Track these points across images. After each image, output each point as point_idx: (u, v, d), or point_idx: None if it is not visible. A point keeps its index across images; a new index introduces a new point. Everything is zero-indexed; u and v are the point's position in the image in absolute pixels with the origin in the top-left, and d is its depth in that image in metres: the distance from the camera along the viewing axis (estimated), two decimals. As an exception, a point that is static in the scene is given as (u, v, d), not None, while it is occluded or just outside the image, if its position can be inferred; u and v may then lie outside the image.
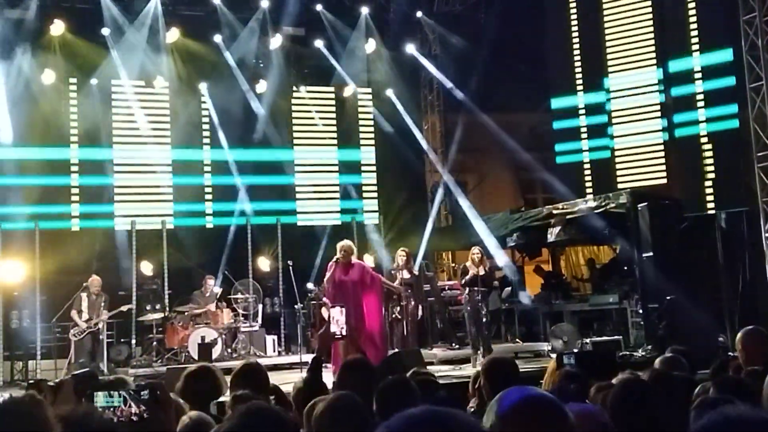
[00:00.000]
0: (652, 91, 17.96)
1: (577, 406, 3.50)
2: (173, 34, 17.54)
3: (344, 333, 11.67)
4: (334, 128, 19.55)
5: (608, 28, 18.49)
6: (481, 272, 14.22)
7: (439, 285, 17.68)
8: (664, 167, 17.75)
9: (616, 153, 18.28)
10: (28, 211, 16.14)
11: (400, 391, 4.52)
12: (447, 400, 5.54)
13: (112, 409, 10.44)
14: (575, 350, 13.50)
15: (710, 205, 16.48)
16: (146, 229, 16.99)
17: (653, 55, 17.93)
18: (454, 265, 19.08)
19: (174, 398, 5.23)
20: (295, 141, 19.15)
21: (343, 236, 14.19)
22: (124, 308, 15.00)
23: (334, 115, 19.57)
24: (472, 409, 5.58)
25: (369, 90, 19.80)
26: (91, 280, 14.65)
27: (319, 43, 18.87)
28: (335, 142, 19.49)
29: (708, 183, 16.94)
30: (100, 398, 11.48)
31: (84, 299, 14.47)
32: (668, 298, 13.71)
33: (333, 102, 19.56)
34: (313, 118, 19.27)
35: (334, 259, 12.18)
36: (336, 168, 19.48)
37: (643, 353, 13.82)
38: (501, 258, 17.45)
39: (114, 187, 17.41)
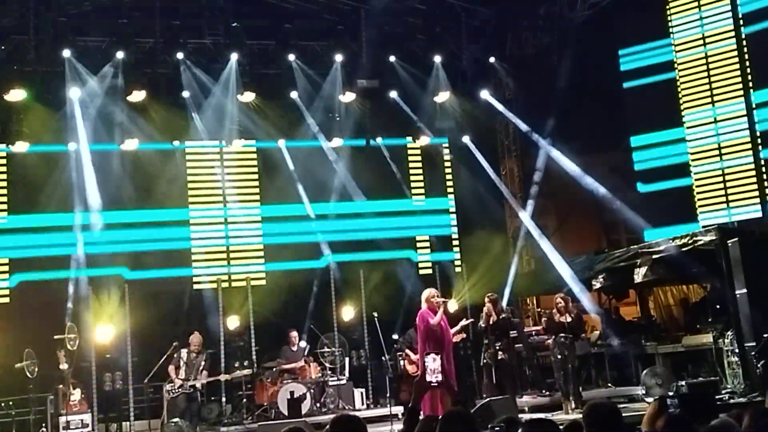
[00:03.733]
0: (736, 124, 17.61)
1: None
2: (249, 95, 17.85)
3: (440, 381, 11.58)
4: (418, 178, 19.60)
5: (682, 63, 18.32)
6: (568, 319, 14.09)
7: (525, 331, 17.44)
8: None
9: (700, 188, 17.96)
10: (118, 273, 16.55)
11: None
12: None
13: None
14: (671, 393, 13.15)
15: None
16: (232, 287, 17.19)
17: (738, 87, 17.61)
18: (539, 310, 18.82)
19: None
20: (373, 193, 19.22)
21: (427, 284, 14.19)
22: (221, 377, 15.19)
23: (415, 165, 19.63)
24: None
25: (446, 138, 19.86)
26: (191, 337, 14.88)
27: (393, 94, 18.99)
28: (420, 191, 19.54)
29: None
30: None
31: (183, 356, 14.66)
32: (766, 336, 13.28)
33: (413, 152, 19.63)
34: (391, 169, 19.35)
35: (427, 308, 12.10)
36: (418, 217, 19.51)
37: (743, 394, 13.39)
38: (587, 302, 17.14)
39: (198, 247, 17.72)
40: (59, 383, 14.12)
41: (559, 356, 14.05)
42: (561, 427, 5.93)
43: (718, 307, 15.55)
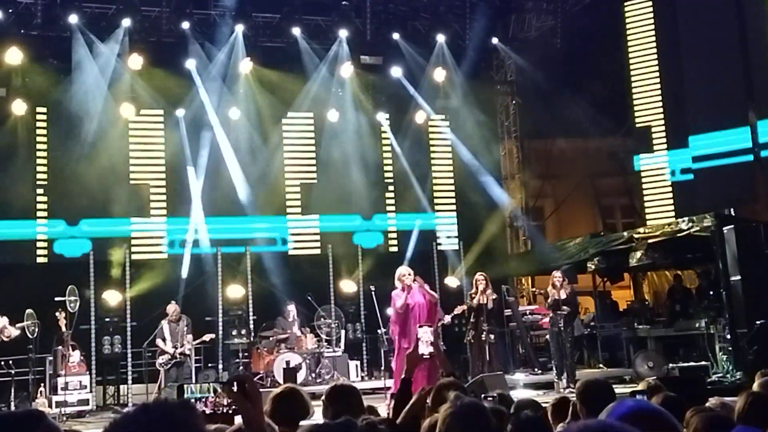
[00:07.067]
0: (736, 113, 17.78)
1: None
2: (251, 64, 17.89)
3: (432, 353, 11.69)
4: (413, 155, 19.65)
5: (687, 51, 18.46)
6: (562, 296, 14.25)
7: (519, 310, 17.62)
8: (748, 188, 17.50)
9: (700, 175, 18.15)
10: (119, 239, 16.68)
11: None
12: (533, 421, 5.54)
13: (203, 400, 10.69)
14: (660, 376, 13.33)
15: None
16: (231, 254, 17.29)
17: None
18: (534, 290, 18.99)
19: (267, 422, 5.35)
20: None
21: (425, 261, 14.30)
22: (206, 338, 15.31)
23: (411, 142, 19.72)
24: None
25: (446, 117, 19.94)
26: (168, 307, 15.00)
27: (396, 71, 19.05)
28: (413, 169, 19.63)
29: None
30: (191, 389, 11.67)
31: (165, 327, 14.82)
32: (758, 322, 13.46)
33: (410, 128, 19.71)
34: (390, 146, 19.43)
35: (401, 287, 12.17)
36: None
37: (733, 379, 13.58)
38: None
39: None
40: (59, 344, 14.24)
41: (556, 334, 14.23)
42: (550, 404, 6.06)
43: (711, 293, 15.76)
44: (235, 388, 3.56)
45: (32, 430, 2.51)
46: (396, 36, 18.96)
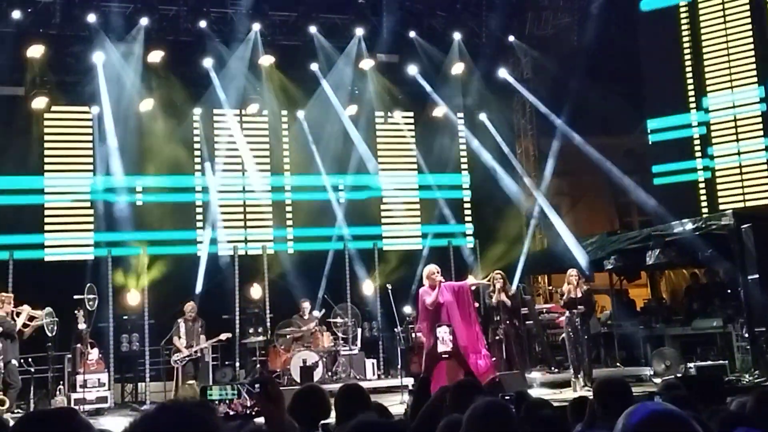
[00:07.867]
0: (753, 110, 17.67)
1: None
2: (270, 62, 17.94)
3: (450, 352, 11.72)
4: (430, 153, 19.66)
5: (707, 47, 18.33)
6: (578, 294, 14.20)
7: (536, 308, 17.59)
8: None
9: (717, 173, 18.04)
10: (137, 237, 16.73)
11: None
12: (553, 420, 5.57)
13: (226, 402, 10.75)
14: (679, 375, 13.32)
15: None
16: (248, 254, 17.35)
17: (754, 73, 17.65)
18: (550, 288, 18.95)
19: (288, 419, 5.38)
20: (391, 166, 19.35)
21: (442, 260, 14.30)
22: (222, 337, 15.33)
23: (428, 140, 19.73)
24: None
25: (462, 115, 19.92)
26: (185, 306, 15.05)
27: (412, 69, 19.03)
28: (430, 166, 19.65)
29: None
30: (215, 391, 11.81)
31: (182, 326, 14.90)
32: (776, 321, 13.43)
33: (427, 127, 19.70)
34: (408, 143, 19.44)
35: (428, 285, 12.22)
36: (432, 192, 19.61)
37: (751, 378, 13.53)
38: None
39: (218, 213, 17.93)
40: (77, 342, 14.32)
41: (572, 332, 14.19)
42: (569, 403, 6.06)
43: (729, 291, 15.69)
44: (257, 390, 3.59)
45: (66, 427, 2.55)
46: (412, 34, 18.95)
